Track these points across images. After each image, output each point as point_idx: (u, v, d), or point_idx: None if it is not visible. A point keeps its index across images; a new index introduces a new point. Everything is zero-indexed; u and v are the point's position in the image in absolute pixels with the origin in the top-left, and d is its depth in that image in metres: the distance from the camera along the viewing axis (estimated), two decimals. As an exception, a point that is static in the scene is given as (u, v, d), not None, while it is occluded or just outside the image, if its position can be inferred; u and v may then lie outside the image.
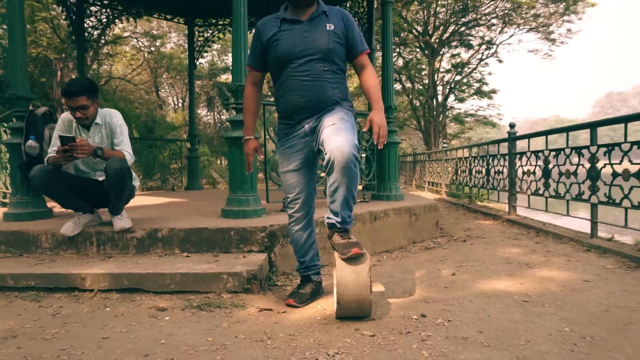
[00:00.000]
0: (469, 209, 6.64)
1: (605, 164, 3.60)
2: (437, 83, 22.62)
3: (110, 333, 1.95)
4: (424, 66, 22.99)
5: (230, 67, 7.27)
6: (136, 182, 3.05)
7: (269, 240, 2.85)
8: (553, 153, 4.48)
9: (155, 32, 25.43)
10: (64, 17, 5.99)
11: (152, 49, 26.78)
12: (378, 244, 3.64)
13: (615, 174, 3.47)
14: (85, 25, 6.25)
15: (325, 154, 2.00)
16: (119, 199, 2.84)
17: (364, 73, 2.25)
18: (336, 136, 1.97)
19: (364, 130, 2.10)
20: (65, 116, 2.85)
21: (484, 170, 6.54)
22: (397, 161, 4.50)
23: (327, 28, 2.17)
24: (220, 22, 7.37)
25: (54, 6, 15.97)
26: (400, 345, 1.76)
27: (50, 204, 3.67)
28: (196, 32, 7.32)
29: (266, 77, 2.51)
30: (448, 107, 23.20)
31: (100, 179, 2.95)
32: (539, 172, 4.77)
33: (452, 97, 23.01)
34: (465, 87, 22.52)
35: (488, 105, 23.75)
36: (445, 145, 9.72)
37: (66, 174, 2.80)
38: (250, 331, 1.94)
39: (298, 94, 2.15)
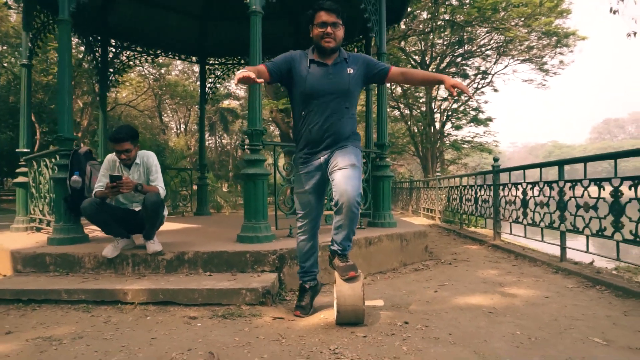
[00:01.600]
0: (459, 234, 7.17)
1: (570, 197, 4.16)
2: (435, 111, 23.42)
3: (156, 335, 2.47)
4: (421, 94, 23.86)
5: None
6: (165, 212, 3.60)
7: (279, 262, 3.39)
8: (530, 185, 5.04)
9: (161, 60, 26.36)
10: (89, 58, 6.64)
11: (158, 75, 27.69)
12: (372, 266, 4.17)
13: (577, 206, 4.03)
14: (108, 66, 6.91)
15: (335, 196, 2.48)
16: (153, 226, 3.39)
17: (407, 73, 2.76)
18: (346, 184, 2.43)
19: (454, 95, 2.58)
20: (110, 157, 3.43)
21: (472, 199, 7.10)
22: (390, 192, 5.05)
23: (348, 72, 2.66)
24: (230, 61, 8.07)
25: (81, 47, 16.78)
26: (385, 343, 2.28)
27: (86, 230, 4.21)
28: (207, 71, 8.00)
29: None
30: (445, 134, 23.95)
31: (137, 209, 3.51)
32: (519, 202, 5.32)
33: (449, 125, 23.78)
34: (461, 114, 23.30)
35: (484, 132, 24.47)
36: (438, 173, 10.30)
37: (110, 206, 3.36)
38: (268, 333, 2.46)
39: (321, 128, 2.60)
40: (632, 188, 3.31)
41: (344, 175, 2.47)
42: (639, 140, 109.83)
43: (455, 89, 2.53)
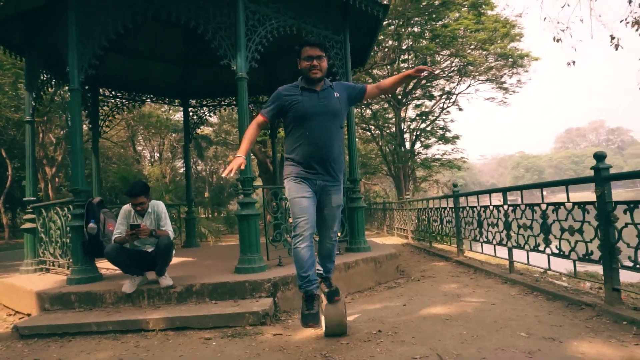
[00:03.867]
0: (429, 252, 7.98)
1: (513, 219, 5.01)
2: (404, 131, 24.62)
3: (182, 353, 3.11)
4: (390, 115, 25.06)
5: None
6: (174, 251, 4.25)
7: (273, 288, 4.07)
8: (482, 208, 5.89)
9: (147, 103, 26.79)
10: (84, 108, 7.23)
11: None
12: (352, 286, 4.88)
13: (518, 226, 4.87)
14: (98, 113, 7.52)
15: (320, 233, 3.22)
16: (165, 264, 4.04)
17: (380, 86, 3.25)
18: (332, 227, 3.19)
19: (422, 76, 3.02)
20: (126, 207, 4.07)
21: (439, 220, 7.95)
22: (364, 220, 5.82)
23: (335, 96, 3.11)
24: (211, 103, 8.79)
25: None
26: (363, 347, 2.99)
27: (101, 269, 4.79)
28: (190, 112, 8.69)
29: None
30: (416, 153, 25.12)
31: (149, 250, 4.14)
32: (475, 223, 6.16)
33: (418, 144, 25.00)
34: (430, 134, 24.56)
35: (452, 150, 25.80)
36: (408, 195, 11.17)
37: (128, 249, 4.00)
38: (271, 346, 3.14)
39: (314, 144, 2.98)
40: (554, 212, 4.16)
41: (332, 218, 3.17)
42: (600, 147, 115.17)
43: (423, 72, 3.02)
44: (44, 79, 5.88)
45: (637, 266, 3.17)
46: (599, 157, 3.46)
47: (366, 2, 5.59)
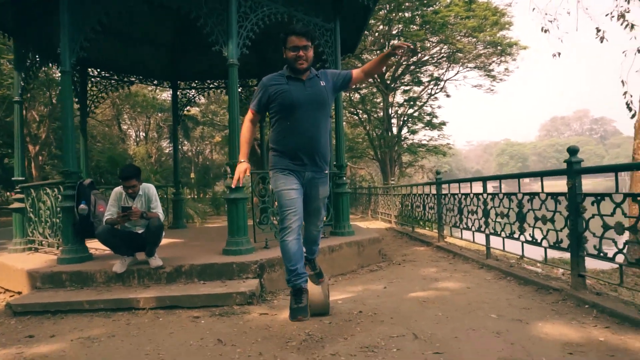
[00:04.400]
0: (411, 237, 8.23)
1: (491, 207, 5.23)
2: (392, 116, 24.79)
3: (172, 330, 3.27)
4: (378, 100, 25.17)
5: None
6: (164, 232, 4.37)
7: (259, 270, 4.24)
8: (464, 196, 6.11)
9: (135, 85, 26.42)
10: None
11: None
12: (335, 269, 5.08)
13: (496, 214, 5.10)
14: (87, 93, 7.51)
15: (307, 222, 3.18)
16: (155, 245, 4.17)
17: (365, 70, 3.13)
18: (317, 219, 3.20)
19: (392, 51, 2.87)
20: (117, 190, 4.17)
21: (421, 206, 8.17)
22: (348, 206, 5.99)
23: (322, 84, 3.01)
24: (200, 86, 8.81)
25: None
26: (344, 326, 3.19)
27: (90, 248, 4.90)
28: (179, 94, 8.71)
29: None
30: (402, 138, 25.35)
31: (139, 231, 4.26)
32: (456, 210, 6.38)
33: (405, 129, 25.22)
34: (417, 120, 24.77)
35: (439, 136, 26.10)
36: (393, 180, 11.38)
37: (119, 231, 4.11)
38: (257, 325, 3.32)
39: (301, 135, 2.91)
40: (529, 201, 4.38)
41: (317, 210, 3.17)
42: (583, 137, 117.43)
43: (400, 49, 2.87)
44: (34, 59, 5.86)
45: (601, 254, 3.40)
46: (572, 151, 3.66)
47: (356, -9, 5.66)
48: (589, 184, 4.45)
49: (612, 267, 5.32)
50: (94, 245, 5.05)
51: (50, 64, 6.32)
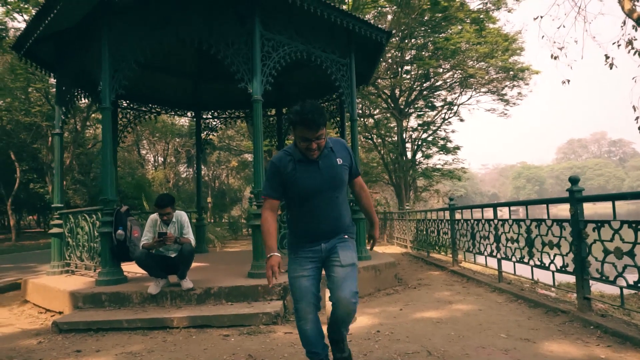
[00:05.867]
0: (426, 262, 8.46)
1: (502, 232, 5.50)
2: (406, 140, 25.17)
3: (206, 346, 3.60)
4: (392, 124, 25.62)
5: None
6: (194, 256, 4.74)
7: (283, 292, 4.55)
8: (476, 222, 6.38)
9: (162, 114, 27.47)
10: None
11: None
12: (353, 292, 5.35)
13: (507, 239, 5.35)
14: (117, 124, 8.04)
15: (333, 297, 2.52)
16: (186, 268, 4.53)
17: (362, 193, 2.79)
18: (344, 288, 2.48)
19: (367, 247, 2.73)
20: (153, 216, 4.57)
21: (436, 231, 8.43)
22: (365, 230, 6.30)
23: (337, 162, 2.56)
24: (222, 115, 9.32)
25: (48, 78, 17.77)
26: (363, 344, 3.47)
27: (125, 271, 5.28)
28: (202, 124, 9.22)
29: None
30: (417, 163, 25.65)
31: (172, 255, 4.63)
32: (469, 235, 6.64)
33: (420, 154, 25.54)
34: (431, 144, 25.11)
35: (453, 160, 26.33)
36: (408, 206, 11.65)
37: (155, 255, 4.49)
38: (283, 342, 3.62)
39: (320, 221, 2.56)
40: (537, 227, 4.65)
41: (344, 275, 2.53)
42: (602, 159, 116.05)
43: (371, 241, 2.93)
44: (73, 94, 6.40)
45: (603, 278, 3.65)
46: (573, 180, 3.95)
47: (370, 30, 6.12)
48: (607, 207, 4.49)
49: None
50: (127, 268, 5.44)
51: (88, 98, 6.84)
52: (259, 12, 5.20)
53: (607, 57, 11.93)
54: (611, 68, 11.92)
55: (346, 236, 2.68)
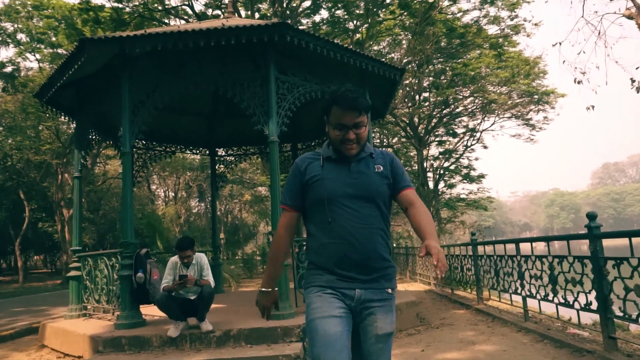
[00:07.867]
0: (450, 300, 8.58)
1: (525, 269, 5.68)
2: (427, 170, 25.41)
3: (227, 390, 3.85)
4: (412, 153, 25.94)
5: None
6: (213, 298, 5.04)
7: (302, 333, 4.80)
8: (499, 258, 6.56)
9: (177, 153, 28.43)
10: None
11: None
12: (374, 333, 5.56)
13: (530, 276, 5.53)
14: (134, 164, 8.52)
15: None
16: (206, 310, 4.82)
17: (413, 208, 2.12)
18: None
19: (421, 255, 1.90)
20: (173, 259, 4.91)
21: (459, 267, 8.59)
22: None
23: (376, 170, 2.14)
24: (237, 152, 9.79)
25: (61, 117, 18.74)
26: (384, 386, 3.68)
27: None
28: (216, 161, 9.68)
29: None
30: (439, 193, 25.77)
31: (192, 297, 4.94)
32: (493, 272, 6.81)
33: (442, 183, 25.69)
34: (454, 173, 25.28)
35: (478, 189, 26.38)
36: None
37: (175, 297, 4.80)
38: (304, 385, 3.85)
39: (348, 242, 2.04)
40: (559, 264, 4.85)
41: (377, 351, 2.08)
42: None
43: (428, 254, 1.88)
44: (92, 137, 6.91)
45: (626, 316, 3.82)
46: (591, 216, 4.18)
47: (383, 68, 6.53)
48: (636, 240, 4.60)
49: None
50: (145, 311, 5.74)
51: (108, 141, 7.33)
52: (274, 56, 5.65)
53: (632, 80, 12.21)
54: (638, 92, 12.18)
55: (390, 290, 2.12)
